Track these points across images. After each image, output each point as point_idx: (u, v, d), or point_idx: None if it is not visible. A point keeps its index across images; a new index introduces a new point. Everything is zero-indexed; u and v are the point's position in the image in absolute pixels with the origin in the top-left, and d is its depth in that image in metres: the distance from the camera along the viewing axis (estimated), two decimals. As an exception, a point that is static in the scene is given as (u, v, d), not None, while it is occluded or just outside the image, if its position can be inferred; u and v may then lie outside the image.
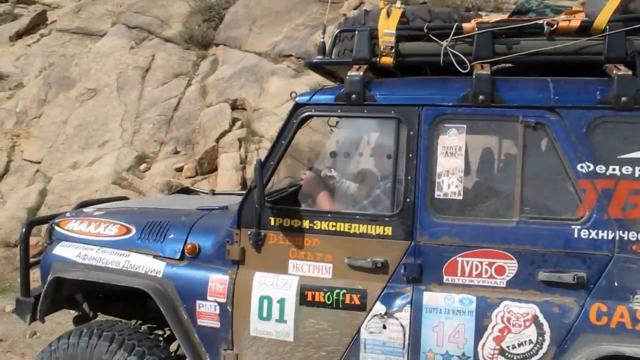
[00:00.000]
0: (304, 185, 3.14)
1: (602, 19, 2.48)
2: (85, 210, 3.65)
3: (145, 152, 8.46)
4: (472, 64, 2.60)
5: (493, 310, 2.48)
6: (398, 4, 2.80)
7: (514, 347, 2.45)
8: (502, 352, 2.46)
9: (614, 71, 2.44)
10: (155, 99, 9.28)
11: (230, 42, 10.02)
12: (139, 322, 3.61)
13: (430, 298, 2.56)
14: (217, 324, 2.90)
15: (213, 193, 4.53)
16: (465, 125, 2.57)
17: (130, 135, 8.77)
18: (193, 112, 8.85)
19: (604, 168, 2.40)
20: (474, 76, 2.56)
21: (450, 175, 2.56)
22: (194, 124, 8.68)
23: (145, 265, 3.05)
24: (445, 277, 2.56)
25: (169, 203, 3.83)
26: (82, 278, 3.17)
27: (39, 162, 8.86)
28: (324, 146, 3.49)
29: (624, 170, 2.39)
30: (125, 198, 4.75)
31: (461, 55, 2.59)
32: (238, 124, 8.35)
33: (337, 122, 3.14)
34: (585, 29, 2.52)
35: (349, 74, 2.72)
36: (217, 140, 8.08)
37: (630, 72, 2.42)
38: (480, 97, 2.53)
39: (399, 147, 2.64)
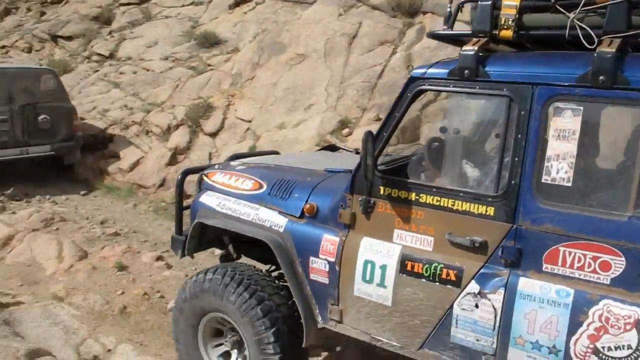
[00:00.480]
0: (422, 156, 3.13)
1: None
2: (232, 163, 4.02)
3: (348, 117, 8.59)
4: (600, 38, 2.35)
5: (591, 307, 2.33)
6: None
7: (609, 349, 2.29)
8: (595, 351, 2.32)
9: None
10: (360, 66, 9.34)
11: (438, 10, 9.71)
12: (273, 267, 3.87)
13: (526, 284, 2.48)
14: (326, 280, 3.11)
15: (357, 152, 4.55)
16: (582, 108, 2.37)
17: (335, 100, 8.95)
18: (397, 80, 8.75)
19: None
20: (595, 53, 2.31)
21: (561, 160, 2.39)
22: (398, 93, 8.60)
23: (271, 220, 3.34)
24: (544, 265, 2.45)
25: (306, 161, 3.99)
26: (217, 225, 3.61)
27: (249, 121, 9.42)
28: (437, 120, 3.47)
29: None
30: (276, 152, 5.08)
31: (588, 29, 2.35)
32: (443, 94, 8.11)
33: (449, 97, 3.04)
34: None
35: (463, 48, 2.65)
36: (421, 110, 7.92)
37: None
38: (601, 77, 2.28)
39: (509, 127, 2.52)
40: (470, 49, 2.62)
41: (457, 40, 2.89)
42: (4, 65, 11.08)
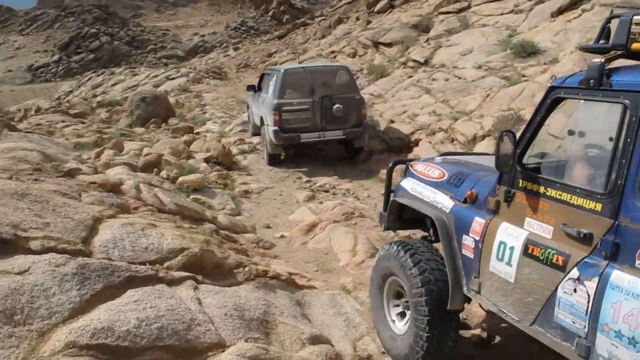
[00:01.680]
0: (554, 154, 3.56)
1: None
2: (436, 158, 4.86)
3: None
4: None
5: None
6: None
7: None
8: None
9: None
10: None
11: None
12: None
13: (617, 276, 2.60)
14: (472, 256, 3.59)
15: None
16: None
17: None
18: None
19: None
20: None
21: None
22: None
23: (442, 202, 3.97)
24: (637, 262, 2.55)
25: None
26: (404, 202, 4.42)
27: (563, 139, 8.69)
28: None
29: None
30: (485, 154, 5.71)
31: None
32: None
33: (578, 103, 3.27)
34: None
35: (592, 60, 2.90)
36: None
37: None
38: None
39: (621, 131, 2.68)
40: (597, 61, 2.87)
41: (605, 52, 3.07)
42: (308, 65, 13.63)
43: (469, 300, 3.86)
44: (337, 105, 10.71)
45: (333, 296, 5.10)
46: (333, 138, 10.98)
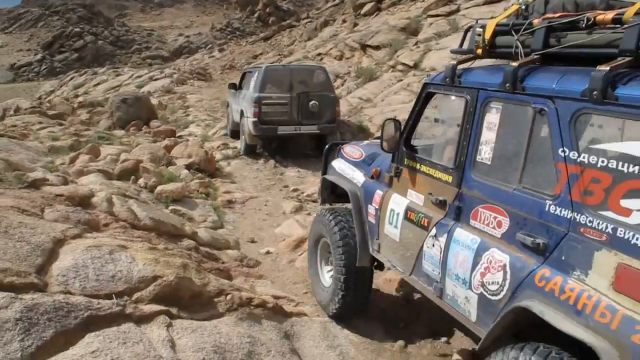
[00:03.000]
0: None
1: (630, 12, 2.50)
2: (365, 141, 5.85)
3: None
4: (533, 55, 2.96)
5: (485, 252, 3.01)
6: (518, 0, 3.37)
7: (488, 283, 2.95)
8: (482, 285, 3.00)
9: (598, 66, 2.48)
10: None
11: None
12: None
13: (457, 232, 3.27)
14: (374, 221, 4.29)
15: None
16: (500, 106, 3.11)
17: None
18: None
19: (576, 154, 2.56)
20: (506, 66, 3.01)
21: (486, 145, 3.16)
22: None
23: (357, 178, 4.69)
24: (471, 220, 3.21)
25: None
26: (329, 179, 5.17)
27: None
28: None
29: (590, 159, 2.49)
30: None
31: (520, 47, 3.03)
32: None
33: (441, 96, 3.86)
34: (618, 22, 2.54)
35: (450, 62, 3.67)
36: None
37: (608, 68, 2.42)
38: (507, 85, 2.98)
39: (464, 120, 3.35)
40: (452, 63, 3.53)
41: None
42: (289, 65, 14.93)
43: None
44: (313, 102, 11.50)
45: (325, 325, 4.61)
46: (308, 132, 11.72)
